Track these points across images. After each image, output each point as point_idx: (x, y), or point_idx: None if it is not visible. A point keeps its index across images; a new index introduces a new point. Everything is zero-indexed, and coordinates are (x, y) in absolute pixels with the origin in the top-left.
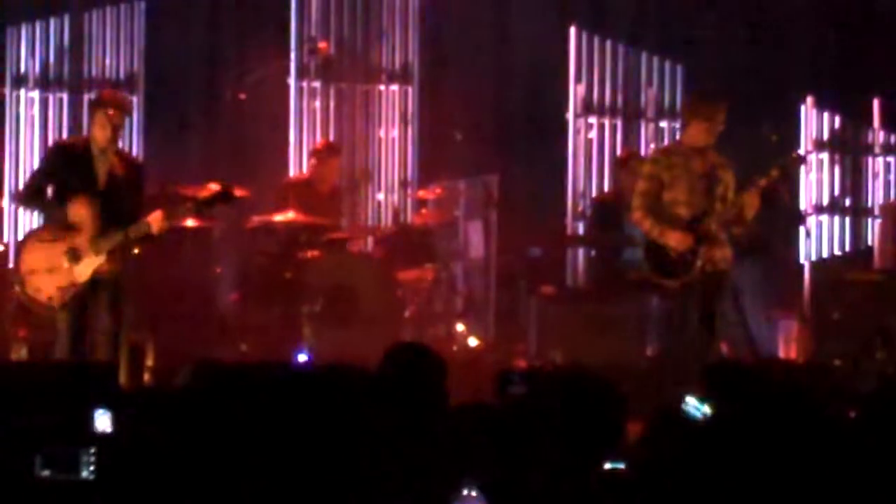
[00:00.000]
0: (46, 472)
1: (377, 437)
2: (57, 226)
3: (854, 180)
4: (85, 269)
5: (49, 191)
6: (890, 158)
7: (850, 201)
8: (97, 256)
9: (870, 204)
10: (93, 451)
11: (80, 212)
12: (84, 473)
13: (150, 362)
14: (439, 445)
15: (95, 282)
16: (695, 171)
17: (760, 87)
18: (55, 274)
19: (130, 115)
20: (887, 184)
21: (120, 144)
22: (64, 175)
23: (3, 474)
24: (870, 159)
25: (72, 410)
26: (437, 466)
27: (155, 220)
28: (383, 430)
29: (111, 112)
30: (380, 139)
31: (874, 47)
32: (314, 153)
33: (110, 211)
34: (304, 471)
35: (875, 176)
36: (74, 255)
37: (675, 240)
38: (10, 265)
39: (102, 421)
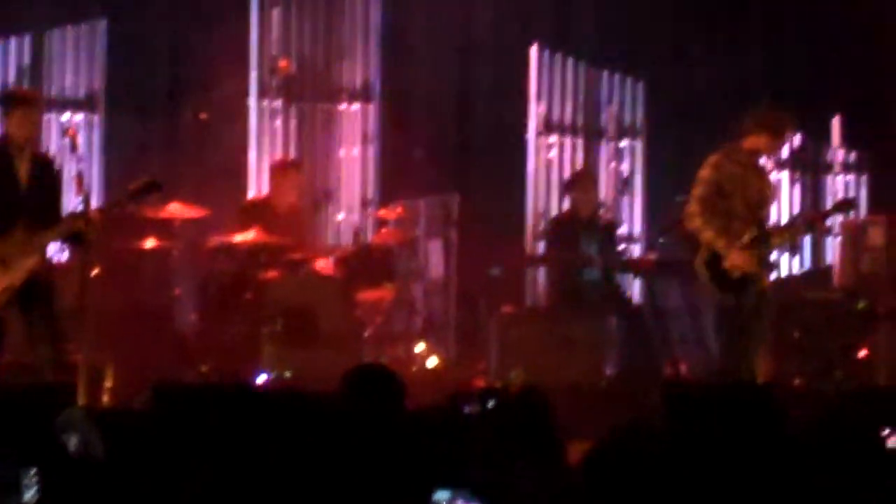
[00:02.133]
0: None
1: (338, 458)
2: None
3: (814, 199)
4: (17, 273)
5: None
6: (849, 177)
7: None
8: (29, 258)
9: (829, 223)
10: (34, 473)
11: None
12: (27, 497)
13: (109, 383)
14: (400, 463)
15: (30, 284)
16: (751, 185)
17: (721, 105)
18: None
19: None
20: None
21: (82, 165)
22: None
23: None
24: (829, 178)
25: (26, 432)
26: (398, 485)
27: (93, 213)
28: (344, 451)
29: (28, 109)
30: (340, 158)
31: (833, 66)
32: (271, 169)
33: (33, 210)
34: (264, 490)
35: (834, 195)
36: (2, 262)
37: (742, 260)
38: None
39: (71, 442)
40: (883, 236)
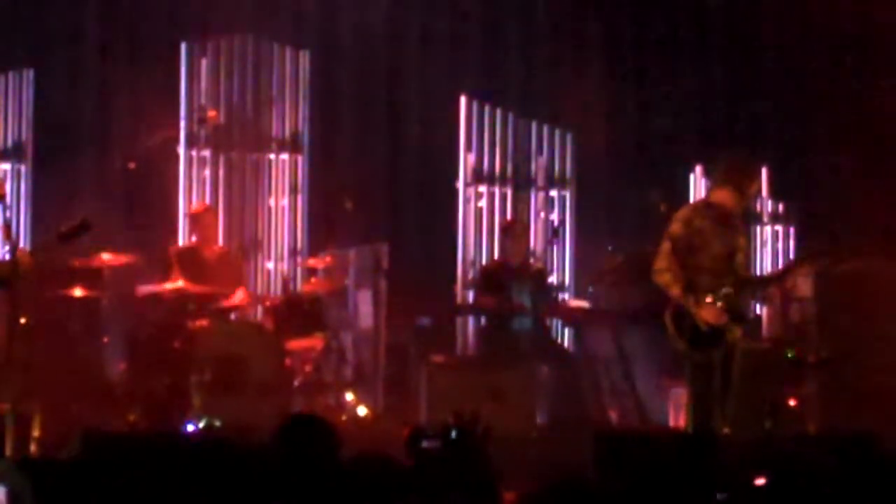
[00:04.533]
0: None
1: None
2: None
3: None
4: None
5: None
6: (778, 227)
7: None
8: None
9: (758, 273)
10: None
11: None
12: None
13: (36, 433)
14: None
15: None
16: (720, 238)
17: (649, 156)
18: None
19: None
20: (775, 252)
21: (10, 214)
22: None
23: None
24: (758, 228)
25: None
26: None
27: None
28: (277, 501)
29: None
30: (270, 208)
31: (762, 118)
32: (190, 218)
33: None
34: None
35: (763, 244)
36: None
37: (711, 315)
38: None
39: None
40: (811, 287)
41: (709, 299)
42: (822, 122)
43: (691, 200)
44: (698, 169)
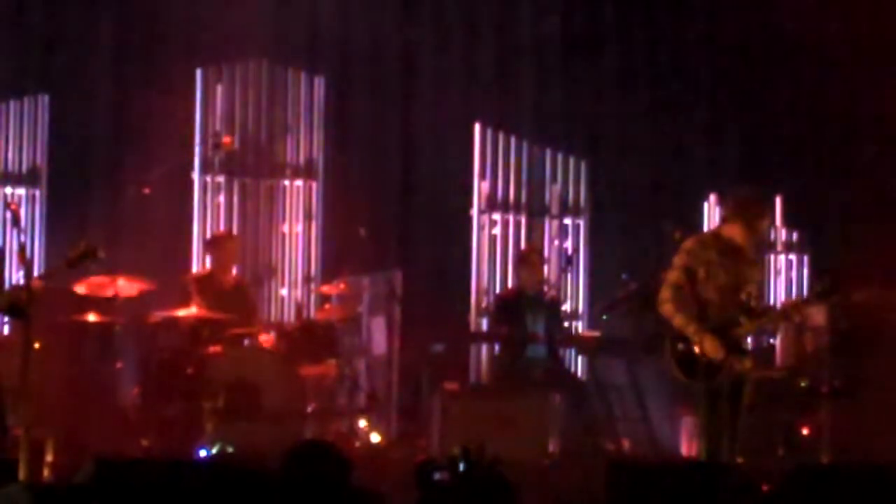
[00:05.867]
0: None
1: None
2: None
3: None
4: None
5: None
6: (792, 256)
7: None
8: None
9: (772, 302)
10: None
11: None
12: None
13: (50, 458)
14: None
15: None
16: (728, 271)
17: (663, 184)
18: None
19: None
20: (789, 281)
21: (24, 238)
22: None
23: None
24: (772, 256)
25: None
26: None
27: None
28: None
29: None
30: (284, 234)
31: (775, 147)
32: (207, 245)
33: None
34: None
35: (777, 273)
36: None
37: (710, 347)
38: None
39: None
40: (825, 315)
41: (709, 330)
42: (837, 152)
43: (705, 229)
44: (712, 197)
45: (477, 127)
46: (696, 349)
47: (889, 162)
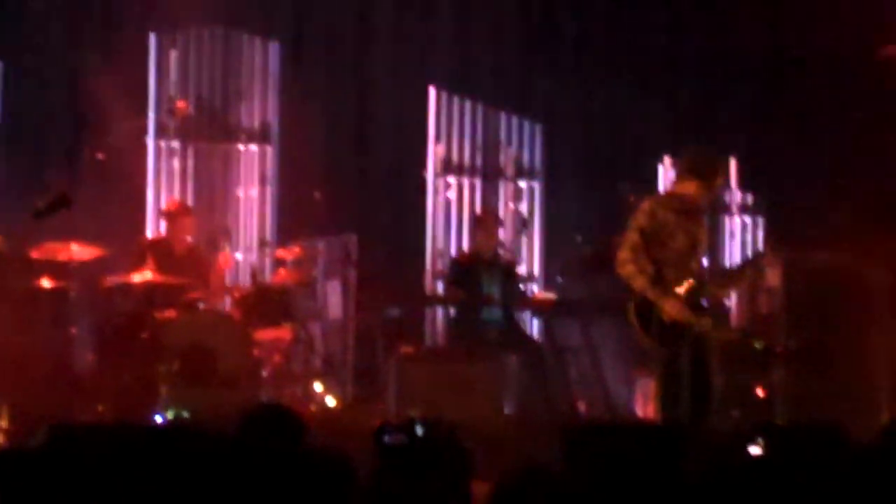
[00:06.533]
0: None
1: (237, 498)
2: None
3: (711, 240)
4: None
5: None
6: (747, 218)
7: (707, 261)
8: None
9: (727, 264)
10: None
11: None
12: None
13: (4, 424)
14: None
15: None
16: (684, 230)
17: (618, 147)
18: None
19: None
20: (744, 243)
21: None
22: None
23: None
24: (727, 219)
25: None
26: None
27: None
28: (242, 491)
29: None
30: (238, 199)
31: (730, 109)
32: (164, 215)
33: None
34: None
35: (732, 236)
36: None
37: (674, 310)
38: None
39: None
40: (780, 277)
41: (675, 293)
42: (792, 114)
43: (660, 191)
44: (667, 160)
45: (432, 90)
46: (660, 311)
47: (846, 125)
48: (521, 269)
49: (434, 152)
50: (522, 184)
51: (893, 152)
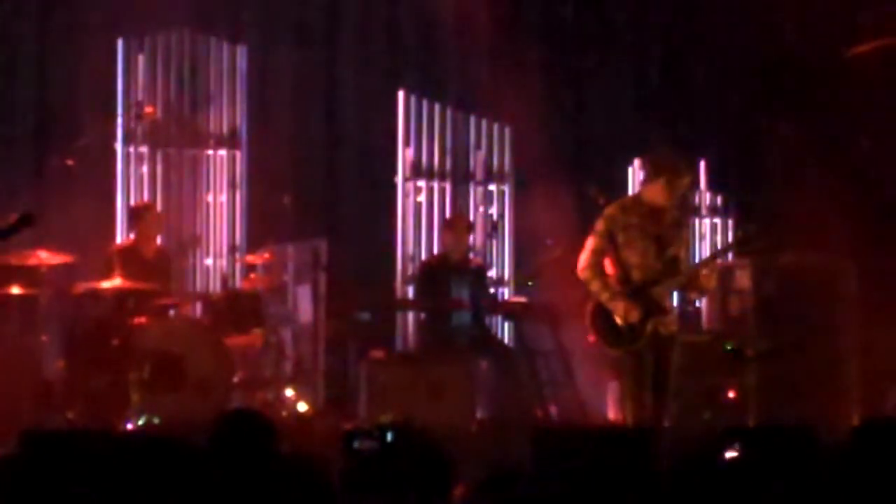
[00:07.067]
0: None
1: None
2: None
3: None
4: None
5: None
6: (716, 220)
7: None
8: None
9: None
10: None
11: None
12: None
13: None
14: None
15: None
16: (649, 233)
17: (588, 150)
18: None
19: None
20: (714, 245)
21: None
22: None
23: None
24: (696, 220)
25: None
26: None
27: None
28: (215, 497)
29: None
30: (208, 204)
31: (700, 111)
32: (129, 215)
33: None
34: None
35: (702, 237)
36: None
37: (622, 310)
38: None
39: None
40: (750, 279)
41: (624, 294)
42: (763, 116)
43: (630, 194)
44: (637, 162)
45: (401, 94)
46: (613, 314)
47: (814, 127)
48: (492, 273)
49: (403, 156)
50: (492, 187)
51: (862, 152)
